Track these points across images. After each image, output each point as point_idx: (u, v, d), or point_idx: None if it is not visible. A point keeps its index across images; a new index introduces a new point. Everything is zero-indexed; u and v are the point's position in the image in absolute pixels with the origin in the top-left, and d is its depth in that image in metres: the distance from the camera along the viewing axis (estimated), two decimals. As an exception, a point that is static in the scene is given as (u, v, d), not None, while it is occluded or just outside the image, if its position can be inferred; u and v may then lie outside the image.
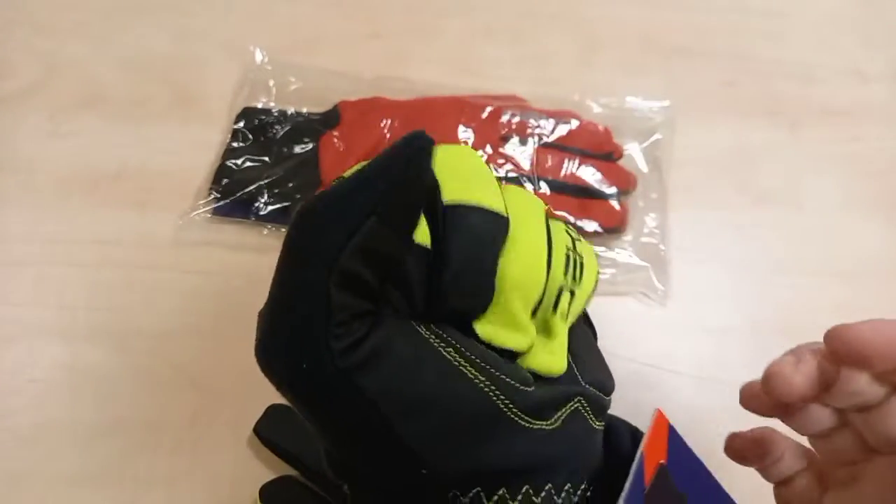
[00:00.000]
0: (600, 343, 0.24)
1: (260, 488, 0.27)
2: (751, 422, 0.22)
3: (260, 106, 0.38)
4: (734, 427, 0.22)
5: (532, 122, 0.37)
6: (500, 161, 0.36)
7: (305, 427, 0.25)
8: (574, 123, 0.38)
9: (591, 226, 0.35)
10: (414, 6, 0.43)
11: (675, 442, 0.21)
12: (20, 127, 0.37)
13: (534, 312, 0.19)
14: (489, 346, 0.18)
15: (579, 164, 0.36)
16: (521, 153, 0.36)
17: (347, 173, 0.17)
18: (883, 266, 0.37)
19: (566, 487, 0.18)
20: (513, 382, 0.18)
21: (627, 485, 0.18)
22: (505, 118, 0.37)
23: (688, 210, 0.37)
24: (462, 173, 0.18)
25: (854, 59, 0.44)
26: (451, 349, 0.17)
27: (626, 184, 0.36)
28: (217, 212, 0.35)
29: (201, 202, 0.35)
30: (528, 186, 0.36)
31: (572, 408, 0.19)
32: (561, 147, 0.37)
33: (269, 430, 0.29)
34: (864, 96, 0.43)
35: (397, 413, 0.16)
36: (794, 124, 0.41)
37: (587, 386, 0.20)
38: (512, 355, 0.19)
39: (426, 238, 0.17)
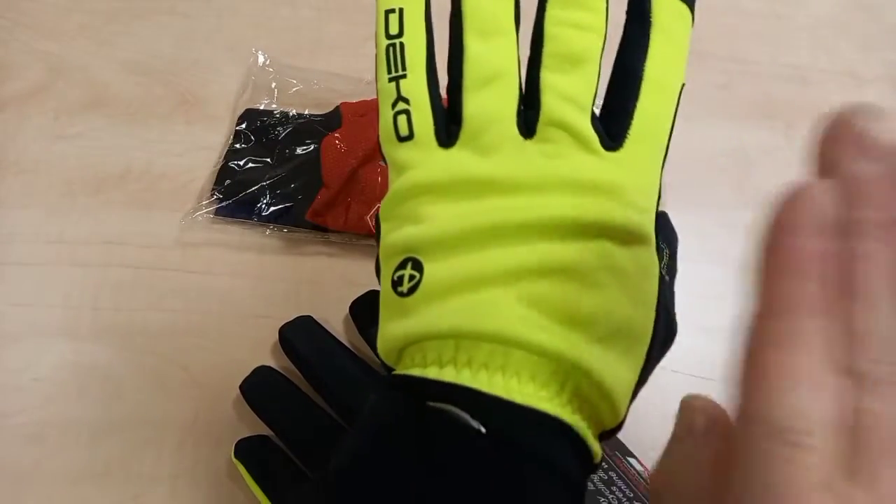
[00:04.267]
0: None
1: (235, 444, 0.28)
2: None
3: (262, 107, 0.39)
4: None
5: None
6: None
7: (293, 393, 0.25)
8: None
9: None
10: (414, 9, 0.44)
11: None
12: (25, 128, 0.38)
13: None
14: None
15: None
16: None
17: None
18: (877, 266, 0.37)
19: None
20: None
21: None
22: (504, 120, 0.37)
23: (685, 211, 0.38)
24: None
25: (849, 61, 0.45)
26: None
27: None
28: (219, 212, 0.35)
29: (204, 203, 0.35)
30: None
31: None
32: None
33: (255, 391, 0.30)
34: (860, 99, 0.43)
35: None
36: (789, 126, 0.42)
37: None
38: None
39: None
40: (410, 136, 0.19)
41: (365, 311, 0.32)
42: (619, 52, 0.20)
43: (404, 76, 0.20)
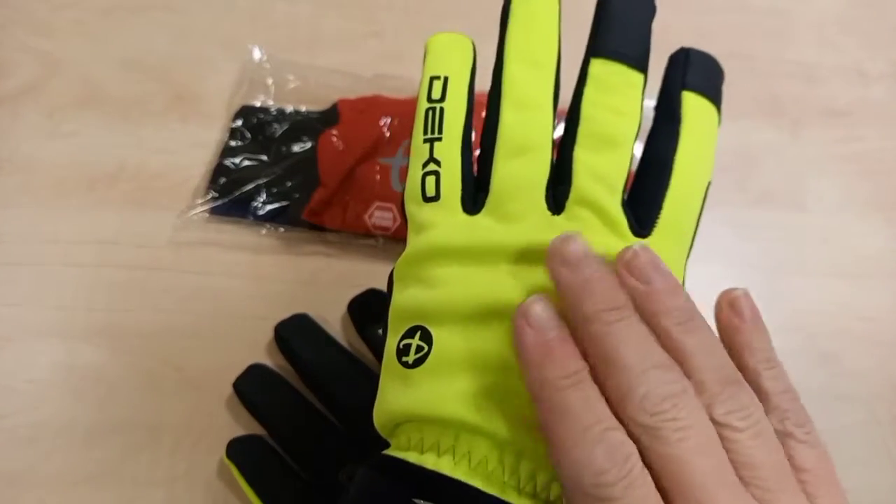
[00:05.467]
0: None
1: (227, 444, 0.28)
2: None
3: (258, 104, 0.38)
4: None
5: (532, 121, 0.37)
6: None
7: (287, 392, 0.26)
8: (574, 123, 0.37)
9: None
10: (413, 6, 0.43)
11: None
12: (19, 126, 0.37)
13: None
14: None
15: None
16: (521, 153, 0.36)
17: None
18: (884, 266, 0.37)
19: None
20: None
21: None
22: (505, 117, 0.37)
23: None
24: None
25: (855, 58, 0.44)
26: None
27: (627, 183, 0.36)
28: (215, 211, 0.35)
29: (199, 201, 0.35)
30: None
31: None
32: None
33: (248, 389, 0.29)
34: (866, 96, 0.43)
35: None
36: (795, 124, 0.41)
37: None
38: None
39: None
40: (436, 198, 0.19)
41: (363, 310, 0.32)
42: (648, 143, 0.21)
43: (439, 139, 0.20)
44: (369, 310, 0.32)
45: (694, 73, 0.21)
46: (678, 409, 0.15)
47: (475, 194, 0.20)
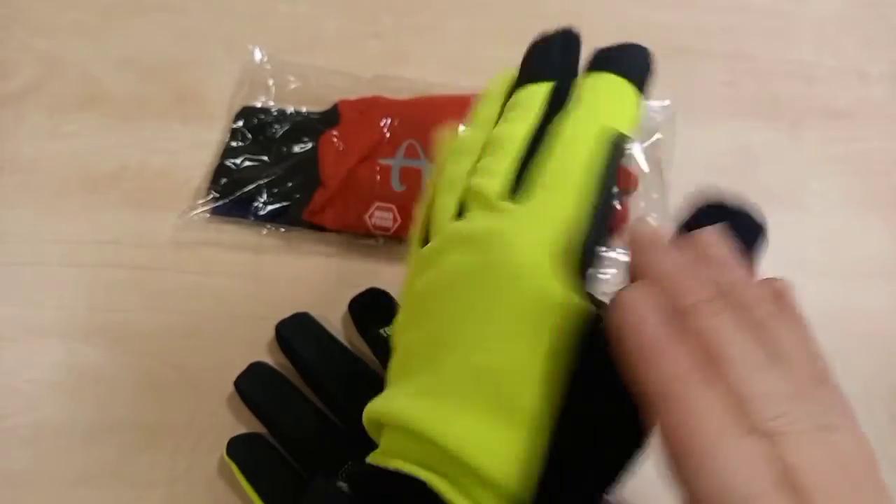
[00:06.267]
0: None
1: (228, 442, 0.28)
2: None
3: (259, 105, 0.38)
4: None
5: (532, 121, 0.37)
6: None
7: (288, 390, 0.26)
8: (574, 123, 0.37)
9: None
10: (414, 6, 0.43)
11: None
12: (19, 127, 0.37)
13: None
14: None
15: (579, 164, 0.36)
16: (521, 153, 0.36)
17: None
18: (884, 266, 0.37)
19: None
20: None
21: None
22: (505, 118, 0.37)
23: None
24: None
25: (855, 59, 0.44)
26: None
27: (626, 184, 0.36)
28: (216, 212, 0.35)
29: (200, 202, 0.35)
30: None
31: None
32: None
33: (249, 387, 0.30)
34: (866, 97, 0.43)
35: None
36: (795, 124, 0.41)
37: None
38: None
39: None
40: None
41: (364, 309, 0.32)
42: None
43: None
44: (370, 309, 0.32)
45: (602, 58, 0.22)
46: (795, 411, 0.14)
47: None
